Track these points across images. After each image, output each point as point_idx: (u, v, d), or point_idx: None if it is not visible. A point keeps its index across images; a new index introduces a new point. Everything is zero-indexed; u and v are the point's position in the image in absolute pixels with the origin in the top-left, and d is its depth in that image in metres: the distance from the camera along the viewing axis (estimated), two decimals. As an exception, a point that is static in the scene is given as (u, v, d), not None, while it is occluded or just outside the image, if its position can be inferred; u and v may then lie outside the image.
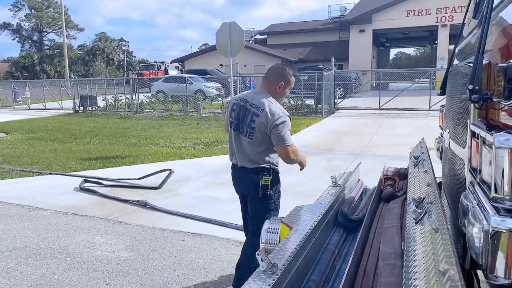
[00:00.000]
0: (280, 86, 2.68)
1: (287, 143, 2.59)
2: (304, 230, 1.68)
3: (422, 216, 1.21)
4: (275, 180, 2.79)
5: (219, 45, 8.93)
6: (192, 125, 13.21)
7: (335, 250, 1.83)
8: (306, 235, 1.59)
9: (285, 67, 2.75)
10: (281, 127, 2.56)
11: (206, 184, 5.96)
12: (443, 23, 24.73)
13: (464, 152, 1.32)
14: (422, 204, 1.34)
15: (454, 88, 1.66)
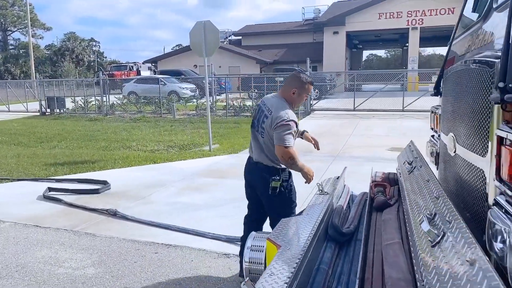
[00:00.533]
0: (294, 92, 2.80)
1: (283, 144, 2.65)
2: (296, 251, 1.47)
3: (441, 238, 1.03)
4: (285, 179, 2.87)
5: (193, 45, 8.62)
6: (165, 127, 12.80)
7: (328, 270, 1.62)
8: (299, 258, 1.37)
9: (300, 74, 2.87)
10: (282, 128, 2.66)
11: (181, 189, 5.66)
12: (413, 26, 25.30)
13: (485, 160, 1.15)
14: (435, 222, 1.16)
15: (460, 88, 1.50)
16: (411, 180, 1.84)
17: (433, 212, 1.23)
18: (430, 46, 47.83)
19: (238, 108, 16.26)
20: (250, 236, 1.92)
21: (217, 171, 6.71)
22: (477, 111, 1.26)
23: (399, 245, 1.48)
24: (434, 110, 2.32)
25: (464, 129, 1.41)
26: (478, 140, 1.24)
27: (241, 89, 20.13)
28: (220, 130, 11.66)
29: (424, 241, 1.13)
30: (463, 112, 1.42)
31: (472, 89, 1.33)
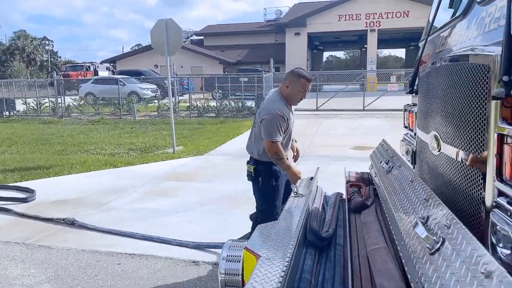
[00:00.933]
0: (287, 85, 2.86)
1: (268, 138, 2.75)
2: (279, 262, 1.35)
3: (440, 245, 0.95)
4: (263, 171, 2.92)
5: (154, 43, 8.31)
6: (125, 129, 12.31)
7: (311, 279, 1.52)
8: (284, 271, 1.25)
9: (297, 69, 2.89)
10: (266, 122, 2.74)
11: (144, 194, 5.40)
12: (371, 28, 26.14)
13: (481, 160, 1.09)
14: (429, 226, 1.08)
15: (445, 85, 1.45)
16: (391, 181, 1.79)
17: (425, 215, 1.16)
18: (387, 48, 49.70)
19: (202, 108, 15.98)
20: (226, 245, 1.79)
21: (183, 174, 6.49)
22: (469, 108, 1.21)
23: (386, 250, 1.40)
24: (409, 109, 2.30)
25: (451, 127, 1.36)
26: (472, 139, 1.19)
27: (204, 89, 19.83)
28: (183, 132, 11.37)
29: (420, 247, 1.05)
30: (450, 109, 1.37)
31: (462, 85, 1.28)
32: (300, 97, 2.91)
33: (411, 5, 24.54)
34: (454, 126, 1.33)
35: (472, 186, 1.19)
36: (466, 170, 1.24)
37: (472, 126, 1.18)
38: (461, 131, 1.26)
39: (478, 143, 1.14)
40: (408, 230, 1.22)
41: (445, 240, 0.95)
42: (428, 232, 1.04)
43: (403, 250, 1.24)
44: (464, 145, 1.24)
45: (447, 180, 1.42)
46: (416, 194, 1.37)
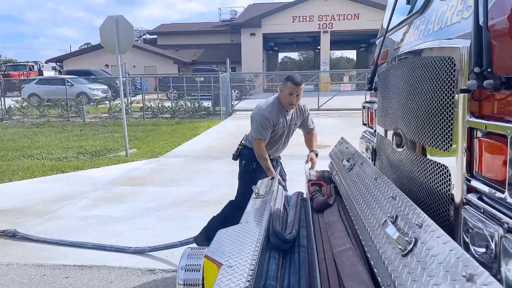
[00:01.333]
0: (280, 89, 3.11)
1: (252, 133, 3.11)
2: (242, 271, 1.25)
3: (413, 245, 0.90)
4: (246, 154, 3.26)
5: (104, 42, 7.89)
6: (74, 132, 11.64)
7: (276, 285, 1.44)
8: (249, 280, 1.16)
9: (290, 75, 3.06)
10: (252, 119, 3.10)
11: (94, 201, 5.08)
12: (324, 29, 26.81)
13: (449, 155, 1.06)
14: (398, 226, 1.04)
15: (407, 80, 1.43)
16: (353, 179, 1.75)
17: (393, 214, 1.11)
18: (339, 49, 51.27)
19: (157, 109, 15.51)
20: (184, 254, 1.66)
21: (136, 178, 6.20)
22: (434, 103, 1.19)
23: (353, 251, 1.35)
24: (367, 106, 2.30)
25: (415, 123, 1.33)
26: (438, 134, 1.16)
27: (158, 89, 19.28)
28: (137, 133, 10.94)
29: (390, 248, 1.01)
30: (414, 105, 1.35)
31: (426, 80, 1.25)
32: (290, 101, 3.01)
33: (362, 8, 25.48)
34: (418, 122, 1.31)
35: (440, 182, 1.16)
36: (432, 166, 1.22)
37: (438, 120, 1.16)
38: (426, 126, 1.24)
39: (445, 138, 1.12)
40: (376, 230, 1.17)
41: (418, 240, 0.91)
42: (399, 232, 1.00)
43: (371, 251, 1.19)
44: (429, 140, 1.22)
45: (412, 177, 1.40)
46: (381, 192, 1.33)
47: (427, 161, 1.27)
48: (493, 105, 0.93)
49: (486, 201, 0.92)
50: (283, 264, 1.70)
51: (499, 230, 0.81)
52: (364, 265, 1.24)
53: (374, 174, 1.52)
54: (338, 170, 2.17)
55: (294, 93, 2.98)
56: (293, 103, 3.04)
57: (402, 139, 1.48)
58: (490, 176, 0.91)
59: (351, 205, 1.68)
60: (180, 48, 32.72)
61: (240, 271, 1.31)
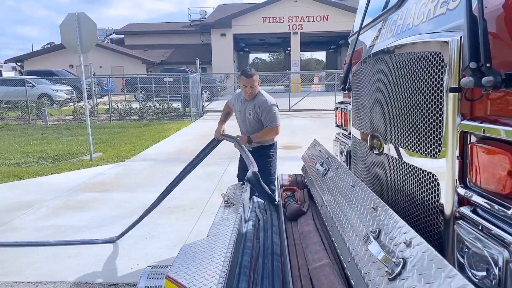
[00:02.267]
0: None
1: None
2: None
3: (401, 268, 0.78)
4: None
5: (65, 40, 7.48)
6: (35, 135, 11.04)
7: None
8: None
9: (243, 69, 3.46)
10: None
11: (55, 209, 4.75)
12: (294, 30, 26.96)
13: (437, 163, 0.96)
14: (382, 242, 0.92)
15: (386, 80, 1.32)
16: (328, 185, 1.64)
17: (375, 229, 1.00)
18: (309, 51, 51.87)
19: (124, 111, 15.00)
20: (144, 274, 1.49)
21: (100, 184, 5.88)
22: (419, 104, 1.08)
23: (330, 267, 1.23)
24: (341, 107, 2.20)
25: (396, 126, 1.23)
26: (423, 138, 1.05)
27: (126, 90, 18.70)
28: (103, 136, 10.50)
29: (374, 269, 0.88)
30: (393, 106, 1.24)
31: (408, 78, 1.14)
32: (245, 92, 3.42)
33: (331, 10, 25.82)
34: (399, 124, 1.20)
35: (425, 192, 1.06)
36: (415, 173, 1.12)
37: (422, 123, 1.05)
38: (409, 129, 1.13)
39: (432, 143, 1.01)
40: (357, 246, 1.05)
41: (407, 262, 0.79)
42: (383, 250, 0.88)
43: (351, 269, 1.07)
44: (412, 145, 1.12)
45: (392, 185, 1.30)
46: (360, 202, 1.21)
47: (409, 168, 1.16)
48: (491, 106, 0.83)
49: (484, 216, 0.82)
50: (254, 280, 1.56)
51: (504, 253, 0.71)
52: (343, 283, 1.11)
53: (351, 180, 1.41)
54: (312, 175, 2.05)
55: (246, 85, 3.35)
56: (248, 93, 3.40)
57: (381, 143, 1.37)
58: (490, 188, 0.81)
59: (326, 213, 1.56)
60: (149, 48, 31.99)
61: (205, 295, 1.16)
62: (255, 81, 3.36)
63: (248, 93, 3.39)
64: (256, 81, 3.38)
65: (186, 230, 3.99)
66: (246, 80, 3.33)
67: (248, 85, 3.34)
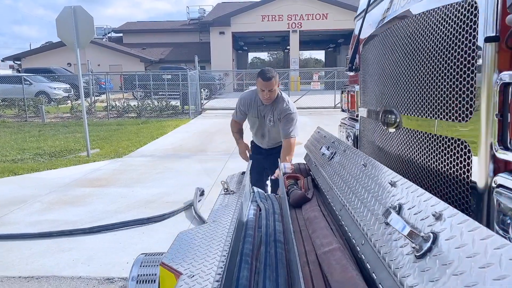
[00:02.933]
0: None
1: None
2: (208, 280, 0.99)
3: (432, 243, 0.67)
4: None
5: (61, 34, 7.35)
6: (32, 132, 10.91)
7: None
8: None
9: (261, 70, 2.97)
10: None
11: (49, 204, 4.63)
12: (293, 29, 26.84)
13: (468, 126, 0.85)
14: (403, 217, 0.81)
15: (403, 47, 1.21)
16: (336, 168, 1.53)
17: (395, 204, 0.89)
18: (307, 50, 51.78)
19: (122, 108, 14.86)
20: (136, 261, 1.37)
21: (97, 180, 5.76)
22: (448, 63, 0.96)
23: (341, 252, 1.11)
24: (348, 89, 2.08)
25: (418, 94, 1.11)
26: (451, 102, 0.94)
27: (124, 88, 18.56)
28: (100, 133, 10.38)
29: (397, 248, 0.77)
30: (416, 73, 1.11)
31: (435, 37, 1.03)
32: (262, 97, 2.97)
33: (330, 8, 25.70)
34: (420, 92, 1.09)
35: (453, 162, 0.94)
36: (440, 143, 1.01)
37: (449, 86, 0.94)
38: (431, 96, 1.01)
39: (460, 105, 0.90)
40: (373, 225, 0.93)
41: (438, 235, 0.68)
42: (408, 225, 0.77)
43: (366, 252, 0.96)
44: (436, 112, 1.00)
45: (411, 160, 1.18)
46: (374, 180, 1.10)
47: (433, 139, 1.05)
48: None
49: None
50: (256, 268, 1.45)
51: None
52: (356, 269, 1.00)
53: (363, 160, 1.29)
54: (316, 161, 1.93)
55: (264, 88, 2.90)
56: (266, 98, 2.96)
57: (397, 118, 1.26)
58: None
59: (334, 198, 1.45)
60: (147, 47, 31.84)
61: (204, 281, 1.04)
62: (275, 84, 2.89)
63: (266, 98, 2.94)
64: (276, 84, 2.91)
65: (184, 225, 3.88)
66: (264, 84, 2.86)
67: (266, 89, 2.88)
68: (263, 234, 1.72)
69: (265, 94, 2.91)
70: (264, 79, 2.85)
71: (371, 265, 0.92)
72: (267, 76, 2.85)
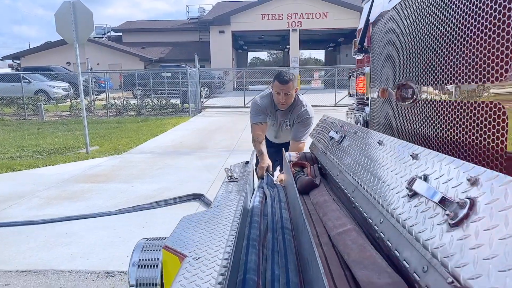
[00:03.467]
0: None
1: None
2: (214, 262, 0.92)
3: (468, 209, 0.60)
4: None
5: (60, 29, 7.27)
6: (31, 130, 10.83)
7: (258, 280, 1.11)
8: (223, 273, 0.82)
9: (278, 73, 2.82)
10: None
11: (48, 199, 4.55)
12: (293, 28, 26.76)
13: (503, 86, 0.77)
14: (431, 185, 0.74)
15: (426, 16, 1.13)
16: (347, 150, 1.45)
17: (419, 175, 0.82)
18: (307, 49, 51.70)
19: (121, 106, 14.78)
20: (137, 246, 1.30)
21: (97, 175, 5.69)
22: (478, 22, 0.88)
23: (357, 233, 1.04)
24: (357, 72, 2.01)
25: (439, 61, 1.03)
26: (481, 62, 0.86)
27: (124, 87, 18.48)
28: (100, 131, 10.30)
29: (425, 220, 0.70)
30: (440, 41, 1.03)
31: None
32: (278, 101, 2.81)
33: (330, 7, 25.62)
34: (444, 58, 1.01)
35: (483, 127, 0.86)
36: (467, 109, 0.93)
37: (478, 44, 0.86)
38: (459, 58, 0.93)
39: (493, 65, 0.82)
40: (394, 200, 0.86)
41: (476, 200, 0.61)
42: (439, 190, 0.69)
43: (386, 230, 0.89)
44: (462, 76, 0.92)
45: (431, 135, 1.11)
46: (392, 155, 1.03)
47: (458, 107, 0.97)
48: None
49: None
50: (264, 254, 1.38)
51: None
52: (373, 248, 0.93)
53: (377, 138, 1.22)
54: (324, 147, 1.86)
55: (280, 91, 2.74)
56: (281, 103, 2.79)
57: (414, 91, 1.19)
58: None
59: (345, 181, 1.38)
60: (147, 46, 31.75)
61: (210, 263, 0.97)
62: (292, 88, 2.74)
63: (282, 102, 2.78)
64: (293, 88, 2.76)
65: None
66: (281, 86, 2.71)
67: (282, 92, 2.72)
68: (269, 221, 1.65)
69: (281, 98, 2.75)
70: (281, 81, 2.70)
71: (392, 242, 0.85)
72: (285, 79, 2.70)
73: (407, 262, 0.76)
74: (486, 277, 0.51)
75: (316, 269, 0.76)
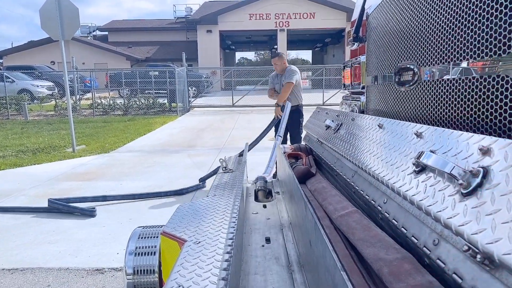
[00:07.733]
0: None
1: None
2: (217, 246, 0.89)
3: (482, 178, 0.59)
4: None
5: (45, 25, 7.12)
6: (14, 130, 10.59)
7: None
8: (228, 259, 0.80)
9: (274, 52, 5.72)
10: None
11: (34, 198, 4.45)
12: (281, 28, 26.82)
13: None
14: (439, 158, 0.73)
15: None
16: (345, 137, 1.45)
17: (425, 150, 0.81)
18: (295, 49, 51.91)
19: (108, 106, 14.57)
20: (133, 234, 1.27)
21: (83, 174, 5.58)
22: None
23: (360, 214, 1.03)
24: (352, 63, 2.00)
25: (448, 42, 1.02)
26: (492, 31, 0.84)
27: (110, 87, 18.23)
28: (86, 130, 10.14)
29: (435, 192, 0.69)
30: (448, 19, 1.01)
31: None
32: (275, 68, 5.12)
33: (318, 7, 25.75)
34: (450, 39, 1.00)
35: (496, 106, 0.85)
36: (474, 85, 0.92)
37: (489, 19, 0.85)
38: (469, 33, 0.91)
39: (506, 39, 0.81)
40: (400, 178, 0.85)
41: (489, 169, 0.60)
42: (451, 161, 0.68)
43: (391, 209, 0.88)
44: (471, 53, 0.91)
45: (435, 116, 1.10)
46: (395, 136, 1.02)
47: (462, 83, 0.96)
48: None
49: None
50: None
51: None
52: (383, 229, 0.92)
53: (377, 122, 1.22)
54: (320, 136, 1.85)
55: (273, 63, 5.17)
56: (276, 69, 5.12)
57: (415, 73, 1.18)
58: None
59: (344, 167, 1.37)
60: (133, 45, 31.39)
61: (212, 247, 0.95)
62: (278, 60, 5.02)
63: (275, 69, 5.11)
64: (280, 61, 5.01)
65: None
66: (272, 60, 5.21)
67: (273, 63, 5.11)
68: (266, 210, 1.64)
69: (274, 66, 5.12)
70: (272, 57, 5.22)
71: (398, 220, 0.84)
72: (272, 56, 5.21)
73: (416, 237, 0.75)
74: (507, 240, 0.50)
75: (323, 245, 0.74)
